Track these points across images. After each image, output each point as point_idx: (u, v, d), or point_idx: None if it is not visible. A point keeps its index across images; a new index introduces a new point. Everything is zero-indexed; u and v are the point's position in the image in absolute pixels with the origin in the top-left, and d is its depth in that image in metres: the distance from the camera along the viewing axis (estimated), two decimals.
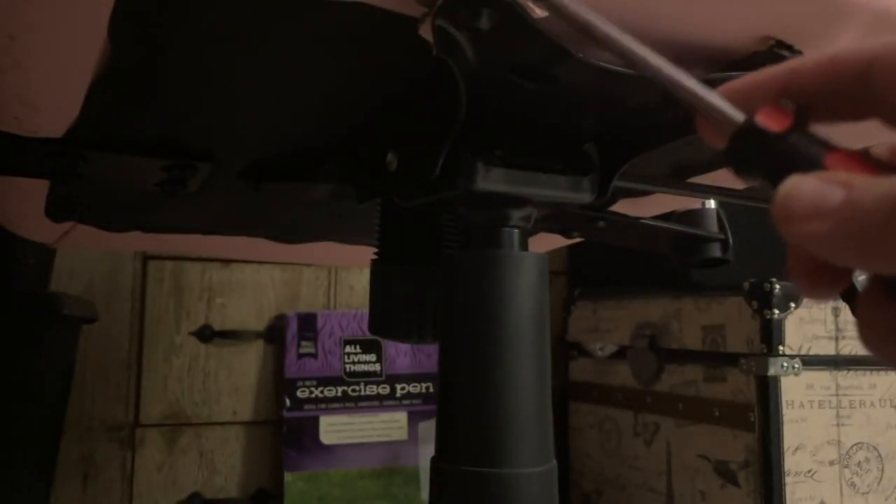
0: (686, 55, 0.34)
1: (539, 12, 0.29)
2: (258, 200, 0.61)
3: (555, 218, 0.63)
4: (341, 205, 0.61)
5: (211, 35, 0.35)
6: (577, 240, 0.71)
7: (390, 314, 0.51)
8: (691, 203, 0.67)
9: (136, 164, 0.48)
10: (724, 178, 0.57)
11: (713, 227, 0.66)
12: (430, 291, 0.50)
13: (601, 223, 0.62)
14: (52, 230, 0.69)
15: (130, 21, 0.32)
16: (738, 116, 0.22)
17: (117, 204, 0.63)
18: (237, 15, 0.33)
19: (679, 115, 0.38)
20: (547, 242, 0.77)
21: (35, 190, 0.56)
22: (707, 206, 0.67)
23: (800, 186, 0.20)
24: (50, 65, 0.35)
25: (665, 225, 0.65)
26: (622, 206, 0.65)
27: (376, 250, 0.54)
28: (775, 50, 0.32)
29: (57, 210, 0.63)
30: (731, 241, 0.67)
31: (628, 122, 0.39)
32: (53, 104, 0.40)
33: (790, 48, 0.32)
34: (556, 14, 0.26)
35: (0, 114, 0.41)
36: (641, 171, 0.55)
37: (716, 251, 0.66)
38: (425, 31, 0.30)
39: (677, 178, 0.57)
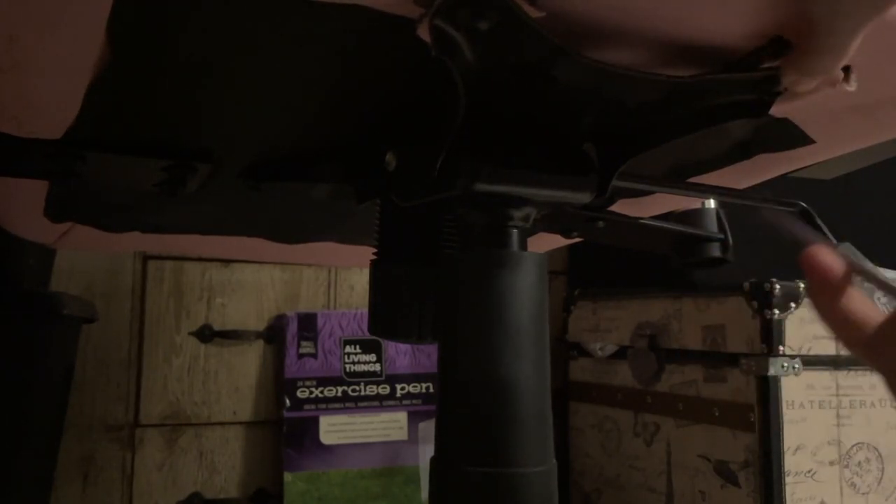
0: (683, 55, 0.33)
1: (537, 12, 0.29)
2: (257, 201, 0.61)
3: (554, 218, 0.63)
4: (341, 205, 0.61)
5: (209, 36, 0.35)
6: (577, 240, 0.71)
7: (390, 314, 0.51)
8: (691, 203, 0.67)
9: (135, 164, 0.48)
10: (723, 177, 0.57)
11: (713, 226, 0.66)
12: (430, 291, 0.50)
13: (601, 223, 0.62)
14: (51, 230, 0.69)
15: (129, 22, 0.32)
16: None
17: (116, 204, 0.63)
18: (235, 16, 0.33)
19: (677, 115, 0.38)
20: (547, 242, 0.77)
21: (34, 190, 0.56)
22: (707, 205, 0.67)
23: None
24: (49, 66, 0.35)
25: (665, 225, 0.65)
26: (622, 207, 0.65)
27: (375, 250, 0.54)
28: (771, 48, 0.32)
29: (56, 210, 0.62)
30: (730, 240, 0.67)
31: (627, 121, 0.39)
32: (52, 105, 0.40)
33: (788, 45, 0.32)
34: None
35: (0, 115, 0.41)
36: (641, 170, 0.55)
37: (715, 251, 0.66)
38: (423, 32, 0.30)
39: (677, 178, 0.57)
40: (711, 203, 0.67)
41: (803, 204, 0.54)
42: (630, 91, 0.36)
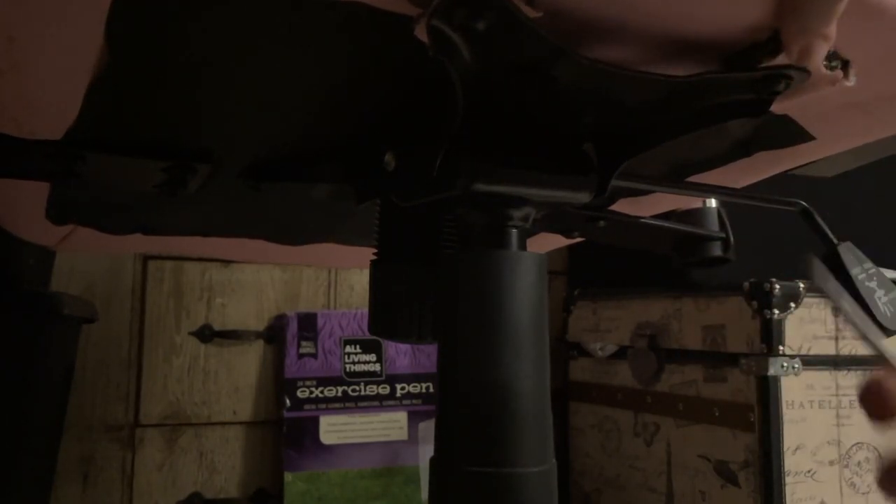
0: (682, 53, 0.33)
1: (534, 12, 0.29)
2: (258, 202, 0.61)
3: (555, 218, 0.63)
4: (341, 206, 0.61)
5: (208, 37, 0.35)
6: (578, 239, 0.71)
7: (390, 314, 0.51)
8: (693, 202, 0.67)
9: (136, 165, 0.48)
10: (723, 176, 0.57)
11: (714, 226, 0.66)
12: (430, 291, 0.50)
13: (601, 223, 0.62)
14: (53, 233, 0.69)
15: (127, 24, 0.32)
16: None
17: (118, 206, 0.63)
18: (234, 17, 0.33)
19: (676, 114, 0.38)
20: (547, 242, 0.77)
21: (35, 192, 0.56)
22: (708, 204, 0.67)
23: None
24: (48, 67, 0.35)
25: (666, 224, 0.65)
26: (622, 206, 0.65)
27: (375, 250, 0.54)
28: (770, 42, 0.32)
29: (57, 213, 0.63)
30: (732, 239, 0.66)
31: (626, 121, 0.39)
32: (52, 106, 0.40)
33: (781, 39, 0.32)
34: None
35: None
36: (640, 170, 0.54)
37: (717, 250, 0.66)
38: (420, 32, 0.30)
39: (676, 177, 0.57)
40: (713, 202, 0.67)
41: (804, 203, 0.54)
42: (630, 91, 0.36)
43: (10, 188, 0.54)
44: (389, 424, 1.26)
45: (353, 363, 1.26)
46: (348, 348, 1.26)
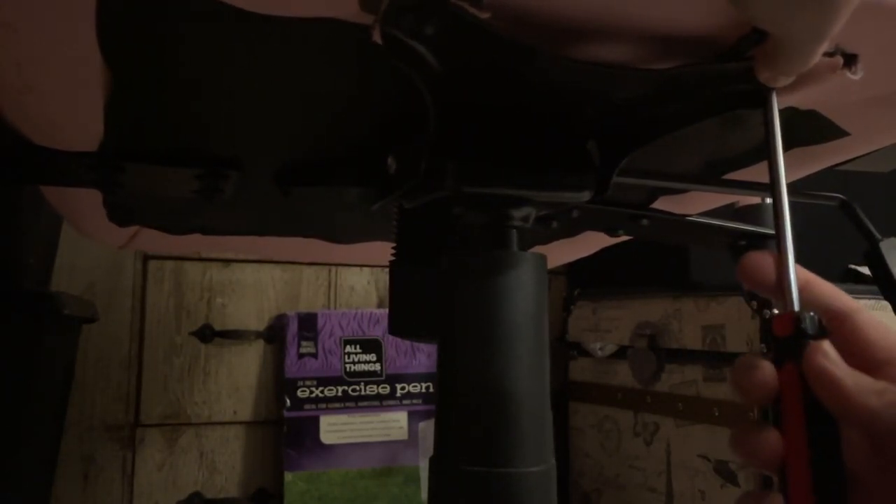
0: (664, 47, 0.33)
1: (483, 13, 0.28)
2: (304, 203, 0.61)
3: (598, 216, 0.61)
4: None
5: (199, 56, 0.36)
6: (625, 238, 0.69)
7: (408, 314, 0.51)
8: (748, 199, 0.64)
9: (170, 173, 0.49)
10: (762, 174, 0.55)
11: (772, 223, 0.64)
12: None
13: (644, 221, 0.60)
14: (119, 234, 0.71)
15: (119, 45, 0.33)
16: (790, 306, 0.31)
17: (174, 208, 0.65)
18: (216, 37, 0.34)
19: (673, 107, 0.38)
20: (592, 241, 0.76)
21: (92, 198, 0.58)
22: (766, 201, 0.64)
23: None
24: (58, 87, 0.36)
25: (713, 222, 0.63)
26: (667, 204, 0.63)
27: (394, 251, 0.54)
28: (754, 35, 0.31)
29: (119, 216, 0.65)
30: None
31: (622, 116, 0.39)
32: (74, 121, 0.41)
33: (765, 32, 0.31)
34: None
35: (36, 131, 0.43)
36: (673, 168, 0.53)
37: (773, 248, 0.64)
38: (378, 38, 0.30)
39: (711, 175, 0.56)
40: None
41: (842, 197, 0.53)
42: (616, 86, 0.35)
43: (72, 196, 0.56)
44: (389, 424, 1.26)
45: (354, 363, 1.26)
46: (348, 348, 1.26)
